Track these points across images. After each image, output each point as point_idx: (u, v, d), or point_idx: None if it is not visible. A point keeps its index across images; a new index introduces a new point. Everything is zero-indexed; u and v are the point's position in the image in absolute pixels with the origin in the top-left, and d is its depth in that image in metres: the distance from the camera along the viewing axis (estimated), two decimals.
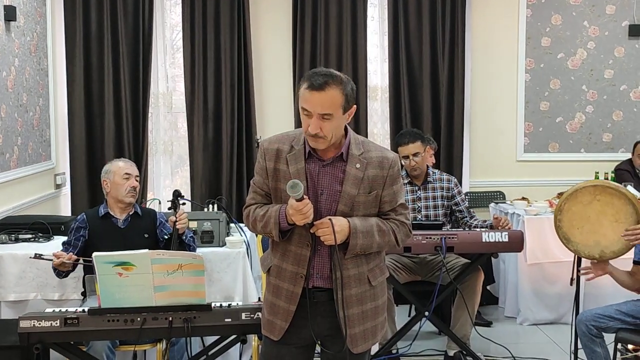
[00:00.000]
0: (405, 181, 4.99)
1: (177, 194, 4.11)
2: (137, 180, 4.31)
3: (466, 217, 4.98)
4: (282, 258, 2.78)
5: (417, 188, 4.99)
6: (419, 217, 4.91)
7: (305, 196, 2.60)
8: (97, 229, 4.18)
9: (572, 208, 4.06)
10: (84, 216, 4.24)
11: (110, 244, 3.81)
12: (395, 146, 5.03)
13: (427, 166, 5.07)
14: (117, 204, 4.24)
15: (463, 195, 5.09)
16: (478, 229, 4.70)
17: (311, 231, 2.66)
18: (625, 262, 4.21)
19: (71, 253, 4.00)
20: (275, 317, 2.80)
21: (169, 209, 4.10)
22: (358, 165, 2.73)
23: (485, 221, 4.90)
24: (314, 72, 2.65)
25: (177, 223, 4.02)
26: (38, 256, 3.97)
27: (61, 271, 4.05)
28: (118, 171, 4.24)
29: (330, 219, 2.64)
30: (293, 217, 2.62)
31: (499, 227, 4.58)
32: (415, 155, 4.88)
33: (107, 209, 4.24)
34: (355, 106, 2.73)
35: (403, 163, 4.91)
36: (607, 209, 3.98)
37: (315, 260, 2.75)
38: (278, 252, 2.80)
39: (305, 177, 2.70)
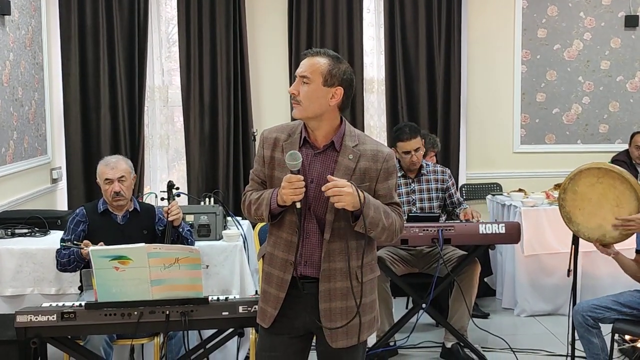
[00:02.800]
0: (399, 174, 4.98)
1: (170, 185, 4.09)
2: (121, 181, 4.16)
3: (457, 208, 4.98)
4: (274, 245, 2.80)
5: (410, 181, 4.99)
6: (414, 209, 4.91)
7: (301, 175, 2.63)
8: (96, 224, 4.15)
9: (575, 188, 4.03)
10: (84, 210, 4.20)
11: (110, 240, 3.78)
12: (393, 141, 5.01)
13: None
14: (111, 205, 4.22)
15: (455, 188, 5.08)
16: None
17: (323, 189, 2.62)
18: (627, 253, 4.21)
19: (102, 242, 3.92)
20: (266, 304, 2.81)
21: (162, 199, 4.09)
22: (351, 157, 2.73)
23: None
24: None
25: (169, 215, 4.01)
26: (68, 240, 3.98)
27: (80, 263, 4.01)
28: (100, 176, 4.17)
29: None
30: (283, 190, 2.62)
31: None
32: (416, 150, 4.87)
33: (105, 206, 4.21)
34: (341, 89, 2.71)
35: (403, 158, 4.89)
36: (609, 193, 3.94)
37: (303, 247, 2.75)
38: (271, 240, 2.83)
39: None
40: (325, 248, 2.71)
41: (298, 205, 2.65)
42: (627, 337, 4.50)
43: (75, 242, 3.99)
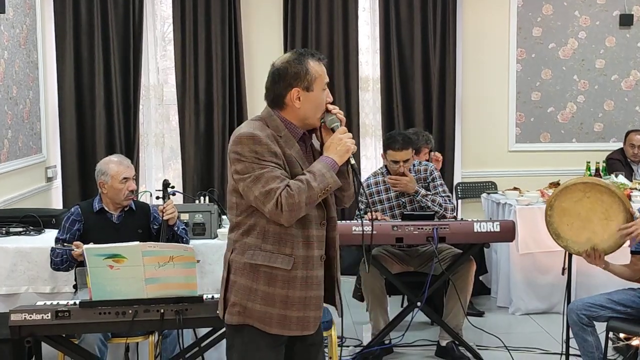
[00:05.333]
0: (386, 178, 4.97)
1: (166, 184, 4.09)
2: (134, 180, 4.22)
3: None
4: (306, 247, 2.67)
5: None
6: (405, 211, 4.88)
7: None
8: (91, 223, 4.14)
9: (562, 204, 4.05)
10: (79, 209, 4.17)
11: (104, 239, 3.76)
12: (384, 146, 4.96)
13: None
14: (113, 204, 4.20)
15: (438, 181, 4.98)
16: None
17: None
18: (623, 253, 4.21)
19: (91, 243, 3.92)
20: (307, 310, 2.68)
21: (157, 198, 4.09)
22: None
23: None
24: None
25: (164, 214, 4.01)
26: (60, 242, 3.98)
27: (72, 263, 4.00)
28: (116, 176, 4.13)
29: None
30: (348, 140, 2.66)
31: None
32: (405, 161, 4.85)
33: (101, 205, 4.19)
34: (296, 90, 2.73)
35: (390, 165, 4.87)
36: (597, 206, 3.97)
37: (330, 238, 2.78)
38: (299, 242, 2.66)
39: (303, 160, 2.71)
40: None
41: (352, 160, 2.69)
42: (621, 335, 4.52)
43: (66, 243, 3.98)
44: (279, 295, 2.64)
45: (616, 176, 5.90)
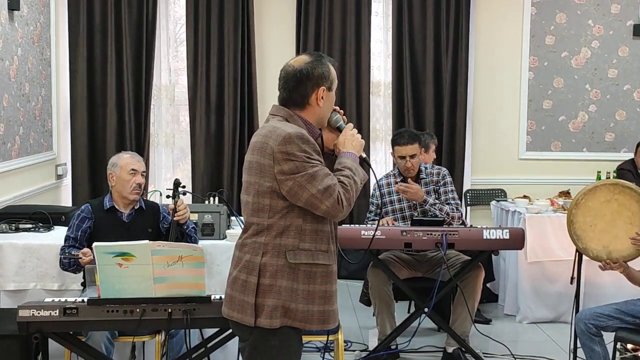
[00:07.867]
0: (399, 179, 4.97)
1: (177, 184, 4.09)
2: (143, 176, 4.21)
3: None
4: (329, 241, 2.73)
5: None
6: (416, 214, 4.88)
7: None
8: (102, 221, 4.13)
9: (588, 203, 4.03)
10: (89, 207, 4.17)
11: (114, 237, 3.75)
12: (391, 143, 4.98)
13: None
14: (121, 199, 4.20)
15: (449, 187, 4.98)
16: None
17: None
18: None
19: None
20: (336, 302, 2.77)
21: (168, 197, 4.09)
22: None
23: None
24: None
25: (176, 214, 4.01)
26: (68, 254, 3.98)
27: (80, 268, 3.98)
28: (125, 166, 4.13)
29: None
30: (360, 138, 2.82)
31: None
32: (412, 157, 4.84)
33: (112, 203, 4.19)
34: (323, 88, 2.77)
35: (398, 162, 4.89)
36: (624, 210, 3.94)
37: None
38: (330, 238, 2.74)
39: (322, 158, 2.73)
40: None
41: (364, 154, 2.83)
42: (629, 345, 4.49)
43: (73, 251, 3.99)
44: (318, 292, 2.69)
45: None
